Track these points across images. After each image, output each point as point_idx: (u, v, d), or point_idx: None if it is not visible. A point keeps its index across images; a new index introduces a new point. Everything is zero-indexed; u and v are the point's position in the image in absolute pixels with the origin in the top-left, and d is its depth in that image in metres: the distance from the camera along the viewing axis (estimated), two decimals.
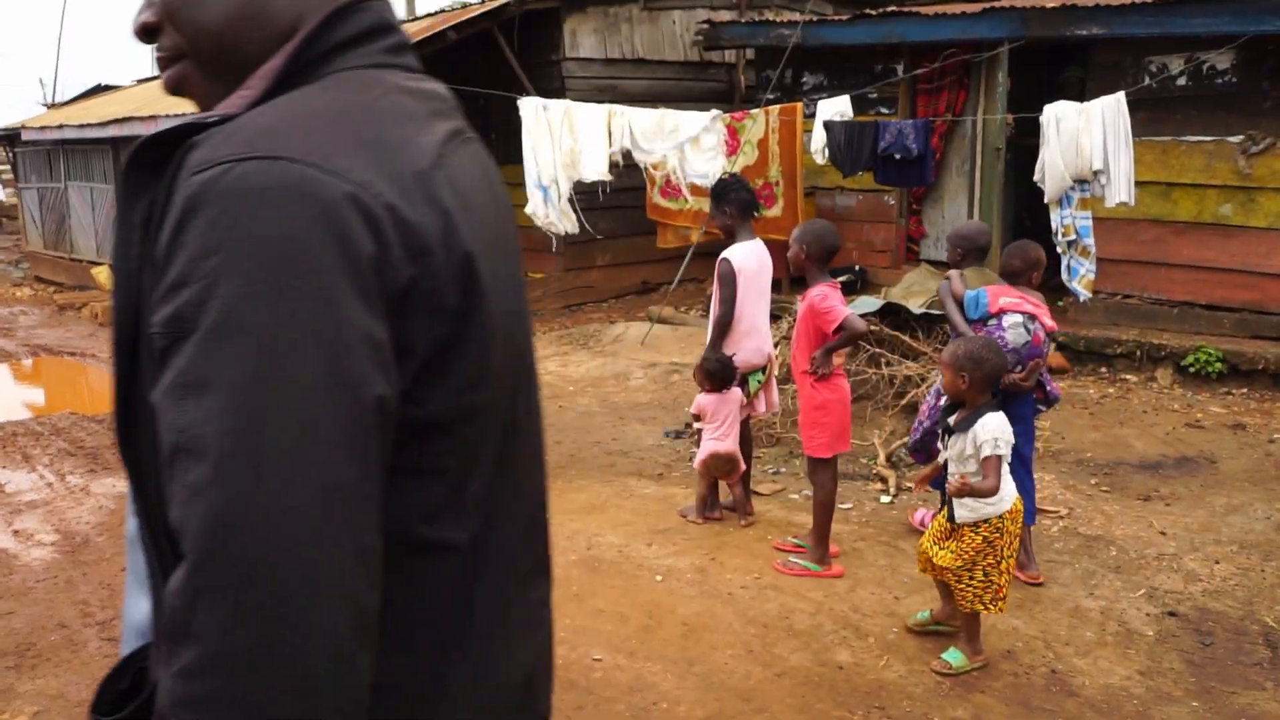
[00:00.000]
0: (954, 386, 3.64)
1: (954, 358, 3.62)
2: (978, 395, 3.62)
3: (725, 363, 4.94)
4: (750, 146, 9.24)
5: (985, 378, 3.59)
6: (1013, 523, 3.63)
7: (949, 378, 3.65)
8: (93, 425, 7.23)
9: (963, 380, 3.60)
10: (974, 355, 3.58)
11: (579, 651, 3.84)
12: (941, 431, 3.76)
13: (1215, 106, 7.67)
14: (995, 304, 4.31)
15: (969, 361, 3.57)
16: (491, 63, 10.82)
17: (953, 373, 3.61)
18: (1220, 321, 7.79)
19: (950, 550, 3.64)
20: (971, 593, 3.61)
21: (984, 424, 3.53)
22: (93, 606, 4.37)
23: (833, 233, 4.35)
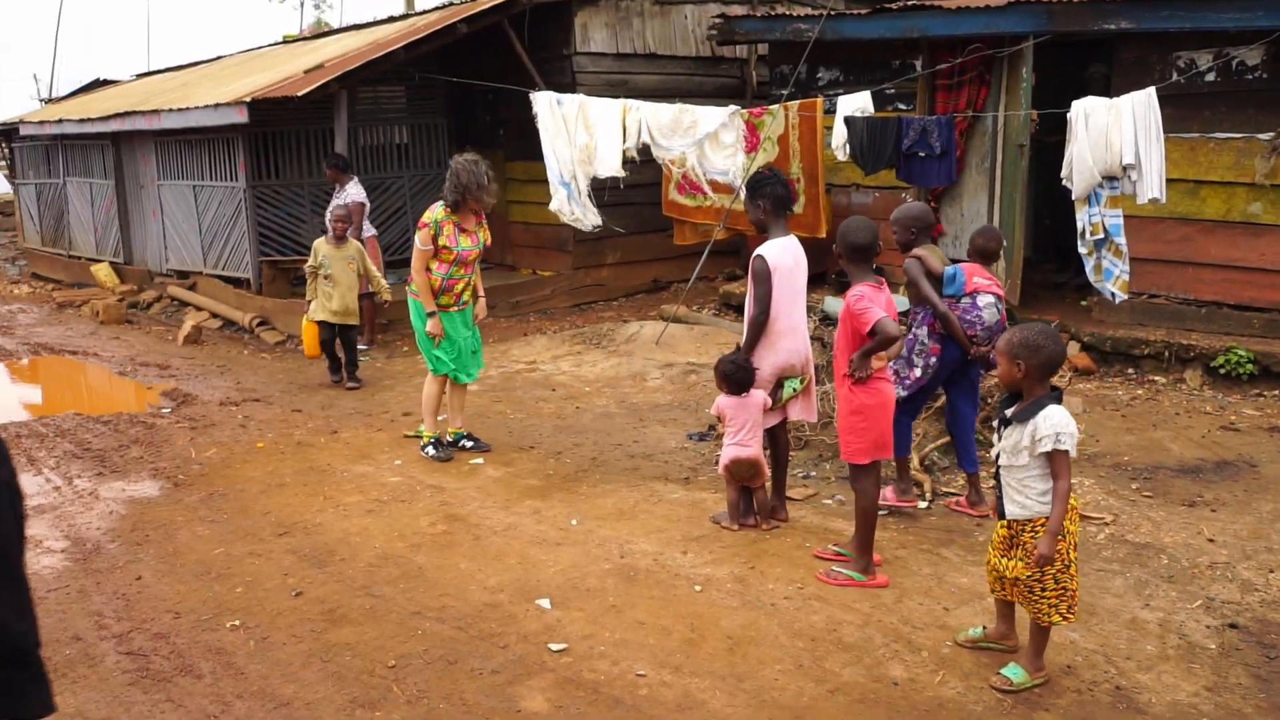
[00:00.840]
0: (1009, 376, 3.45)
1: (1009, 345, 3.43)
2: (1035, 384, 3.43)
3: (742, 365, 4.77)
4: (770, 143, 9.08)
5: (1042, 366, 3.39)
6: (1072, 523, 3.47)
7: (1004, 366, 3.46)
8: (98, 427, 7.04)
9: (1018, 369, 3.41)
10: (1029, 342, 3.38)
11: (621, 666, 3.67)
12: (997, 423, 3.59)
13: (1245, 103, 7.52)
14: (970, 283, 4.85)
15: (1024, 349, 3.38)
16: (501, 57, 10.65)
17: (1008, 361, 3.43)
18: (1250, 322, 7.64)
19: (1019, 560, 3.48)
20: (1047, 604, 3.47)
21: (1046, 417, 3.36)
22: (108, 618, 4.19)
23: (856, 229, 4.20)
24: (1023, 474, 3.45)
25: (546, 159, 9.02)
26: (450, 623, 4.03)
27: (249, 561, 4.71)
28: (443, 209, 6.05)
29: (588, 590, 4.27)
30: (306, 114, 10.75)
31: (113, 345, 10.13)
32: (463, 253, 6.08)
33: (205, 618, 4.16)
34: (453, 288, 6.14)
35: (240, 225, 10.91)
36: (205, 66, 14.87)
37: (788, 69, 10.35)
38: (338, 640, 3.92)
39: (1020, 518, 3.47)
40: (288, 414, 7.39)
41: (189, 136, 11.25)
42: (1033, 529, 3.46)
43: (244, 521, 5.25)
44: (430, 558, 4.68)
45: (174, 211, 12.07)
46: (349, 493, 5.66)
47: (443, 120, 12.38)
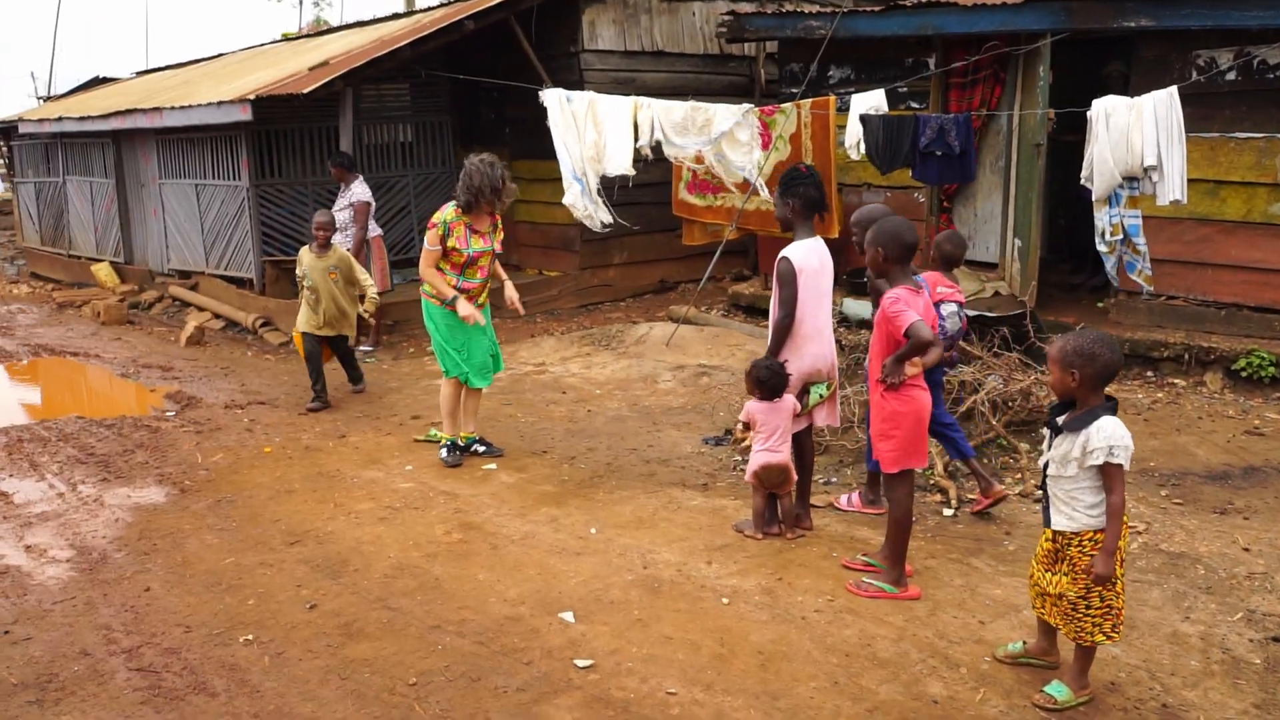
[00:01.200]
0: (1062, 385, 3.31)
1: (1062, 354, 3.28)
2: (1089, 394, 3.29)
3: (776, 370, 4.65)
4: (782, 142, 8.95)
5: (1097, 375, 3.25)
6: (1124, 538, 3.35)
7: (1056, 375, 3.32)
8: (102, 430, 6.91)
9: (1072, 378, 3.27)
10: (1084, 350, 3.23)
11: (651, 684, 3.55)
12: (1047, 431, 3.47)
13: (1266, 102, 7.40)
14: (935, 292, 4.79)
15: (1079, 357, 3.24)
16: (507, 54, 10.52)
17: (1061, 369, 3.29)
18: (1271, 324, 7.53)
19: (1065, 575, 3.36)
20: (1091, 622, 3.35)
21: (1099, 429, 3.23)
22: (116, 632, 4.07)
23: (909, 229, 4.07)
24: (1071, 485, 3.33)
25: (559, 155, 8.87)
26: (471, 637, 3.90)
27: (260, 572, 4.58)
28: (454, 209, 5.89)
29: (611, 603, 4.15)
30: (310, 112, 10.62)
31: (114, 346, 9.99)
32: (474, 254, 5.93)
33: (217, 631, 4.03)
34: (468, 291, 5.99)
35: (243, 224, 10.78)
36: (207, 64, 14.72)
37: (798, 67, 10.23)
38: (355, 656, 3.80)
39: (1068, 530, 3.36)
40: (294, 417, 7.26)
41: (192, 135, 11.11)
42: (1080, 543, 3.34)
43: (253, 530, 5.12)
44: (447, 568, 4.55)
45: (176, 211, 11.93)
46: (360, 499, 5.53)
47: (447, 118, 12.24)
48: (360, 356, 9.29)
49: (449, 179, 12.32)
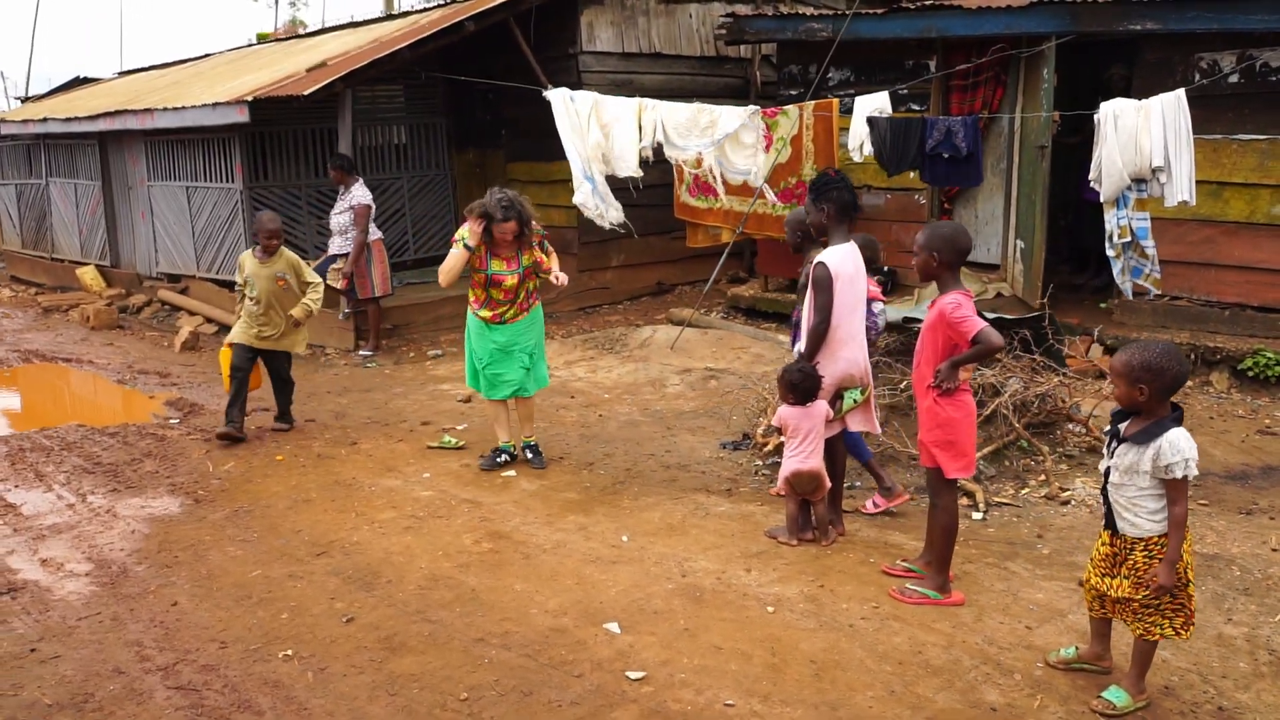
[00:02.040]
0: (1130, 399, 3.30)
1: (1128, 368, 3.26)
2: (1155, 405, 3.29)
3: (809, 373, 4.62)
4: (783, 143, 8.94)
5: (1166, 388, 3.25)
6: (1188, 545, 3.35)
7: (1123, 389, 3.29)
8: (106, 439, 6.77)
9: (1140, 392, 3.26)
10: (1152, 365, 3.22)
11: (706, 696, 3.51)
12: (1109, 437, 3.45)
13: (1269, 104, 7.47)
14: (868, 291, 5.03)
15: (1147, 372, 3.23)
16: (504, 56, 10.44)
17: (1127, 384, 3.27)
18: (1275, 324, 7.60)
19: (1128, 579, 3.35)
20: (1162, 617, 3.37)
21: (1171, 443, 3.22)
22: (149, 649, 3.97)
23: (965, 234, 4.05)
24: (1135, 493, 3.33)
25: (568, 154, 8.78)
26: (517, 650, 3.84)
27: (290, 584, 4.50)
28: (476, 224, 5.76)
29: (655, 612, 4.10)
30: (304, 114, 10.49)
31: (107, 352, 9.82)
32: (495, 275, 5.80)
33: (254, 647, 3.94)
34: (494, 307, 5.91)
35: (236, 228, 10.62)
36: (194, 65, 14.51)
37: (797, 69, 10.23)
38: (401, 671, 3.72)
39: (1132, 535, 3.35)
40: (301, 424, 7.15)
41: (182, 136, 10.94)
42: (1145, 547, 3.34)
43: (276, 540, 5.03)
44: (482, 579, 4.49)
45: (165, 213, 11.74)
46: (381, 508, 5.45)
47: (441, 120, 12.14)
48: (360, 362, 9.21)
49: (443, 181, 12.23)
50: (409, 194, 11.88)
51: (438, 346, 9.69)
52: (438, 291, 10.68)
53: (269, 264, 6.71)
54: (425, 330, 10.12)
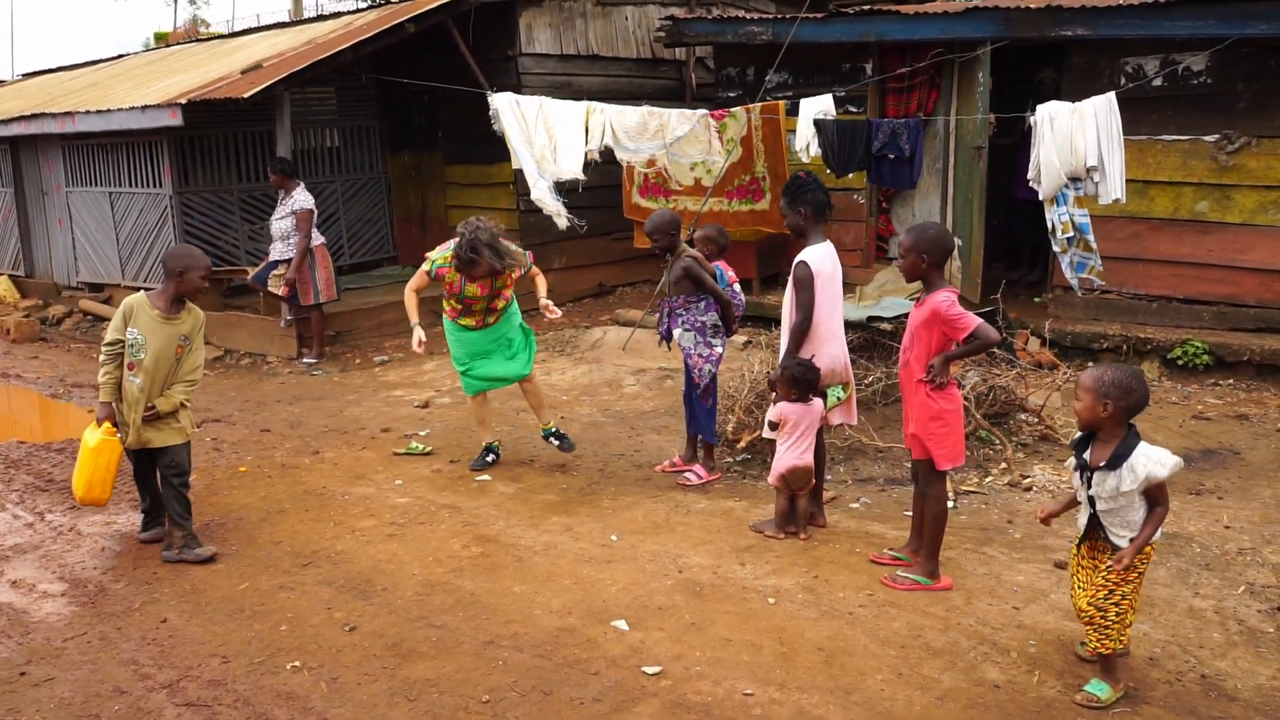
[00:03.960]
0: (1092, 414, 3.38)
1: (1099, 384, 3.35)
2: (1116, 427, 3.39)
3: (811, 369, 4.74)
4: (733, 144, 9.08)
5: (1129, 409, 3.35)
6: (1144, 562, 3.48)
7: (1088, 403, 3.38)
8: (53, 455, 6.53)
9: (1104, 408, 3.35)
10: (1122, 384, 3.32)
11: (725, 687, 3.59)
12: (1075, 467, 3.55)
13: (1190, 106, 7.91)
14: (730, 275, 5.82)
15: (1116, 390, 3.32)
16: (442, 58, 10.35)
17: (1094, 398, 3.36)
18: (1199, 315, 8.04)
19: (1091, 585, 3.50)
20: (1116, 631, 3.46)
21: (1145, 454, 3.34)
22: (147, 666, 3.87)
23: (948, 234, 4.21)
24: (1126, 511, 3.42)
25: (520, 154, 8.74)
26: (529, 651, 3.86)
27: (282, 596, 4.43)
28: (448, 255, 5.80)
29: (659, 609, 4.17)
30: (234, 117, 10.25)
31: (33, 365, 9.43)
32: (469, 300, 5.87)
33: (259, 660, 3.88)
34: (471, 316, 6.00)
35: (165, 234, 10.31)
36: (110, 65, 13.99)
37: (735, 71, 10.39)
38: (416, 676, 3.71)
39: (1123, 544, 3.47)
40: (257, 434, 7.01)
41: (105, 140, 10.57)
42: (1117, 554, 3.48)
43: (257, 553, 4.94)
44: (478, 583, 4.49)
45: (85, 220, 11.33)
46: (359, 517, 5.39)
47: (375, 123, 11.98)
48: (305, 370, 9.04)
49: (377, 184, 12.07)
50: (343, 198, 11.70)
51: (383, 352, 9.56)
52: (380, 296, 10.59)
53: (173, 322, 4.75)
54: (369, 336, 9.98)
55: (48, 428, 7.59)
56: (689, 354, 5.67)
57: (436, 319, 10.37)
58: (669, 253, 5.68)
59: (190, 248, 5.08)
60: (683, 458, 5.98)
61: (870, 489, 5.65)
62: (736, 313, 5.77)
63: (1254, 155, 7.68)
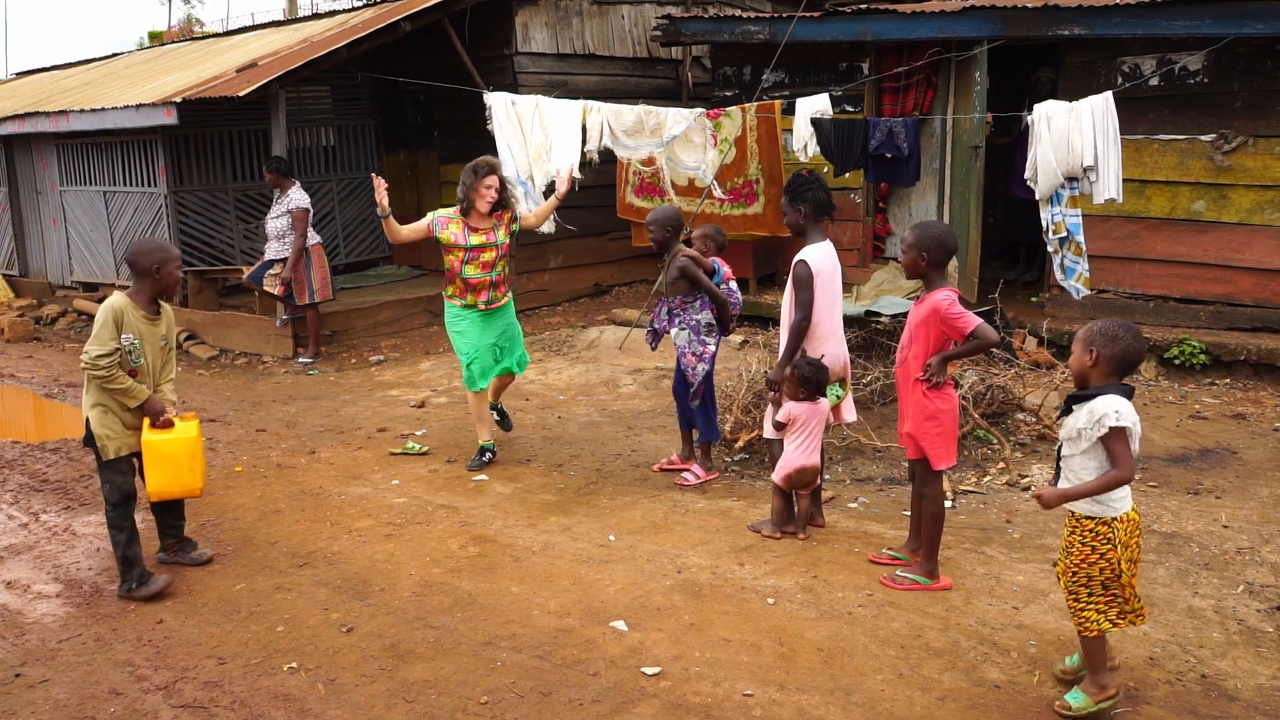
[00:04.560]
0: (1080, 364, 3.31)
1: (1087, 333, 3.28)
2: (1104, 377, 3.27)
3: (820, 367, 4.72)
4: (727, 144, 9.07)
5: (1116, 357, 3.23)
6: (1132, 535, 3.31)
7: (1077, 353, 3.32)
8: (48, 455, 6.50)
9: (1090, 356, 3.26)
10: (1108, 332, 3.23)
11: (724, 687, 3.57)
12: (1061, 413, 3.47)
13: (1187, 106, 7.92)
14: (725, 273, 5.77)
15: (1102, 338, 3.24)
16: (437, 57, 10.33)
17: (1081, 347, 3.28)
18: (1196, 314, 8.04)
19: (1062, 559, 3.42)
20: (1095, 610, 3.33)
21: (1104, 399, 3.18)
22: (143, 668, 3.84)
23: (952, 235, 4.18)
24: (1079, 465, 3.30)
25: (505, 160, 8.78)
26: (528, 652, 3.85)
27: (279, 597, 4.40)
28: (451, 210, 5.96)
29: (658, 609, 4.15)
30: (229, 115, 10.22)
31: (28, 365, 9.39)
32: (473, 250, 5.87)
33: (255, 662, 3.85)
34: (475, 287, 5.97)
35: (160, 233, 10.28)
36: (104, 64, 13.94)
37: (731, 70, 10.38)
38: (414, 678, 3.69)
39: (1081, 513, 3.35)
40: (252, 434, 6.98)
41: (99, 139, 10.53)
42: (1076, 522, 3.36)
43: (253, 553, 4.91)
44: (476, 583, 4.47)
45: (79, 220, 11.29)
46: (355, 517, 5.36)
47: (370, 122, 11.95)
48: (301, 369, 9.01)
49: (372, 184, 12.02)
50: (338, 197, 11.66)
51: (379, 352, 9.54)
52: (376, 296, 10.57)
53: (155, 324, 4.50)
54: (365, 336, 9.95)
55: (42, 428, 7.56)
56: (683, 352, 5.71)
57: (433, 319, 10.40)
58: (665, 250, 5.71)
59: (155, 240, 4.66)
60: (680, 456, 6.00)
61: (868, 488, 5.64)
62: (734, 311, 5.76)
63: (1250, 155, 7.69)
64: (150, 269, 4.42)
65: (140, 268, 4.43)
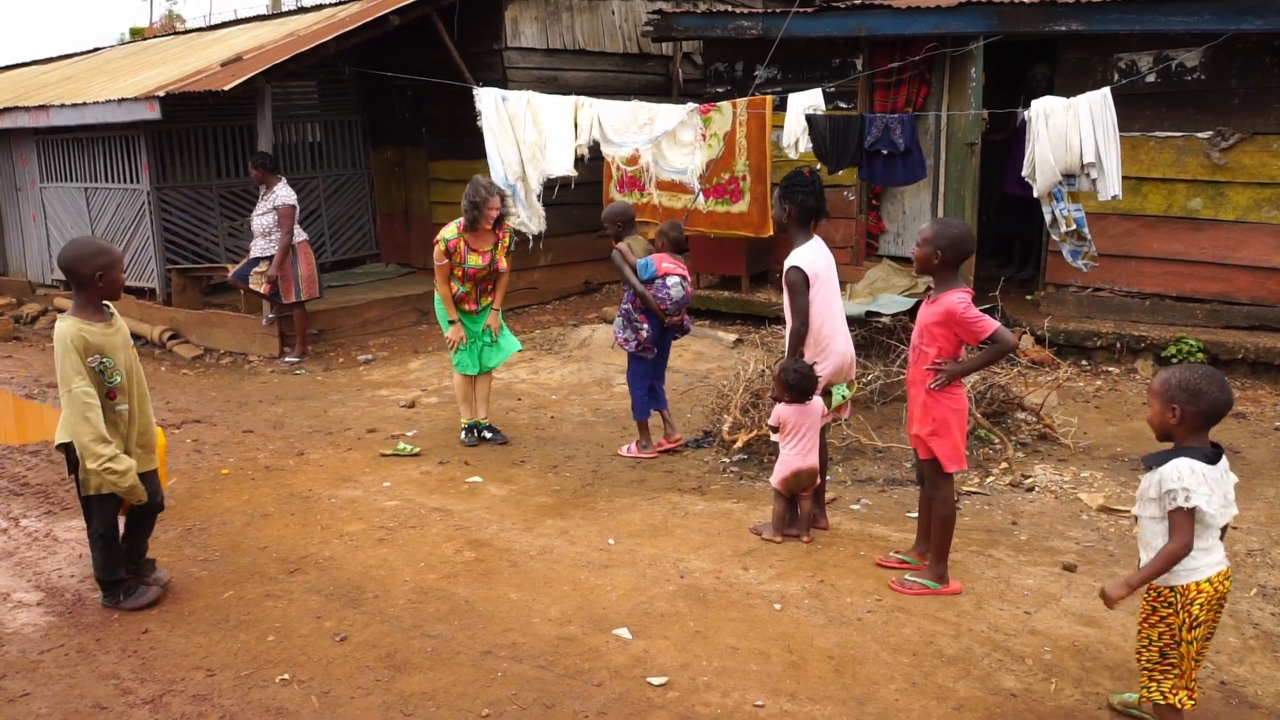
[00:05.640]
0: (1162, 421, 3.02)
1: (1165, 386, 3.00)
2: (1188, 434, 3.00)
3: (805, 373, 4.62)
4: (716, 139, 8.97)
5: (1200, 414, 2.96)
6: (1196, 604, 3.00)
7: (1156, 409, 3.03)
8: (28, 458, 6.32)
9: (1172, 414, 2.98)
10: (1190, 386, 2.95)
11: (734, 698, 3.46)
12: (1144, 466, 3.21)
13: (1184, 103, 7.85)
14: (660, 268, 6.00)
15: (1183, 393, 2.96)
16: (425, 52, 10.17)
17: (1161, 404, 3.01)
18: (1192, 312, 7.99)
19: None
20: (1148, 675, 3.13)
21: (1176, 467, 2.93)
22: (128, 680, 3.70)
23: (971, 237, 4.06)
24: (1147, 524, 3.11)
25: (490, 161, 8.67)
26: (529, 661, 3.72)
27: (268, 605, 4.26)
28: (455, 227, 6.24)
29: (662, 616, 4.03)
30: (215, 110, 10.03)
31: (7, 365, 9.19)
32: (469, 270, 6.24)
33: (245, 673, 3.72)
34: (462, 300, 6.38)
35: (144, 230, 10.09)
36: (85, 59, 13.70)
37: (723, 66, 10.27)
38: (411, 689, 3.56)
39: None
40: (239, 435, 6.83)
41: (80, 135, 10.33)
42: (1155, 591, 3.10)
43: (241, 559, 4.77)
44: (473, 589, 4.34)
45: (60, 217, 11.07)
46: (346, 521, 5.23)
47: (356, 117, 11.78)
48: (288, 369, 8.85)
49: (360, 180, 11.87)
50: (325, 193, 11.49)
51: (367, 351, 9.38)
52: (364, 294, 10.42)
53: (115, 328, 4.15)
54: (353, 334, 9.80)
55: (22, 429, 7.37)
56: (616, 335, 6.26)
57: (421, 318, 10.25)
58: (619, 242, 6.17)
59: (92, 241, 4.14)
60: (666, 436, 6.26)
61: (870, 489, 5.55)
62: (662, 304, 6.01)
63: (1248, 152, 7.64)
64: (92, 277, 3.99)
65: (81, 276, 4.00)
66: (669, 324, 6.13)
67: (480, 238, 6.24)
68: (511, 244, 6.48)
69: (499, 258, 6.36)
